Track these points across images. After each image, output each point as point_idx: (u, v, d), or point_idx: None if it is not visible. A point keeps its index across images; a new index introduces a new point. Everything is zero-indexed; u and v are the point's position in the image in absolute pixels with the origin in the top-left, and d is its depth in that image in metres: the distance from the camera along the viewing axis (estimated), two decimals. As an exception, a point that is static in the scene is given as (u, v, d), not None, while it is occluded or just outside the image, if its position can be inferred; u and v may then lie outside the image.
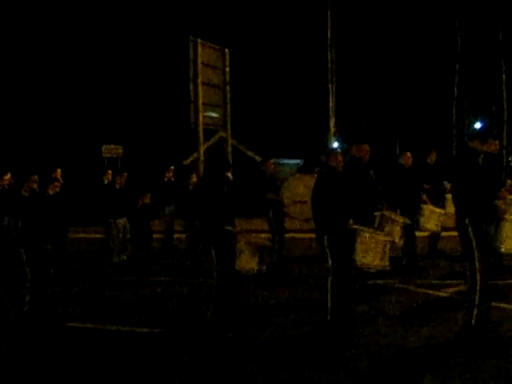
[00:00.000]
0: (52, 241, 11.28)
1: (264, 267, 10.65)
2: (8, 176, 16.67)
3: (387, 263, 10.15)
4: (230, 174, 10.81)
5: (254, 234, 11.49)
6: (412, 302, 11.06)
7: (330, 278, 9.48)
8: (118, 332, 9.94)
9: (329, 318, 9.45)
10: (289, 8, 41.48)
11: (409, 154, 14.09)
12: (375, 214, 11.61)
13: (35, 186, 11.89)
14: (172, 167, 18.03)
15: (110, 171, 17.72)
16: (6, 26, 39.87)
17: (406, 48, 42.81)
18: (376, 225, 11.64)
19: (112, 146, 29.72)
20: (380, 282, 12.07)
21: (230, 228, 10.09)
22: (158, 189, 17.22)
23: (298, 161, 37.89)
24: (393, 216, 11.97)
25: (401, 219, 12.01)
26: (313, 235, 11.15)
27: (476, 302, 8.75)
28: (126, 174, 16.79)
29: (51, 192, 11.46)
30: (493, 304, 9.03)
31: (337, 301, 9.39)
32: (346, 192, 9.52)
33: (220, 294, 10.04)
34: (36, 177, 13.20)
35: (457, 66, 43.13)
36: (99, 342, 9.44)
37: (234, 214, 10.36)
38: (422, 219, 13.57)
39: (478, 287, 8.76)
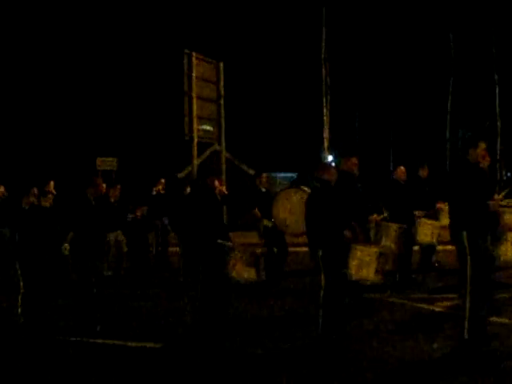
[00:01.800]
0: (48, 253, 11.30)
1: (263, 274, 10.62)
2: (1, 188, 16.63)
3: (381, 276, 10.12)
4: (223, 188, 10.80)
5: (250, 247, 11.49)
6: (406, 316, 11.07)
7: (322, 292, 9.42)
8: (110, 346, 9.89)
9: (320, 331, 9.41)
10: (284, 22, 41.59)
11: (403, 168, 14.05)
12: (371, 225, 11.65)
13: (34, 198, 11.92)
14: (163, 180, 17.96)
15: (104, 184, 17.62)
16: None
17: (399, 61, 42.94)
18: (372, 235, 11.64)
19: (106, 159, 29.66)
20: (374, 295, 12.06)
21: (225, 242, 10.11)
22: (150, 202, 17.13)
23: (291, 174, 37.93)
24: (387, 223, 11.99)
25: (395, 224, 12.04)
26: (305, 249, 11.11)
27: (467, 315, 8.77)
28: (119, 187, 16.70)
29: (44, 204, 11.49)
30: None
31: (329, 315, 9.35)
32: (339, 206, 9.49)
33: (203, 306, 10.05)
34: (36, 189, 13.21)
35: (451, 79, 43.27)
36: (90, 356, 9.40)
37: (229, 228, 10.39)
38: (416, 233, 13.54)
39: (468, 300, 8.77)
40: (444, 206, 13.73)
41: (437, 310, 11.58)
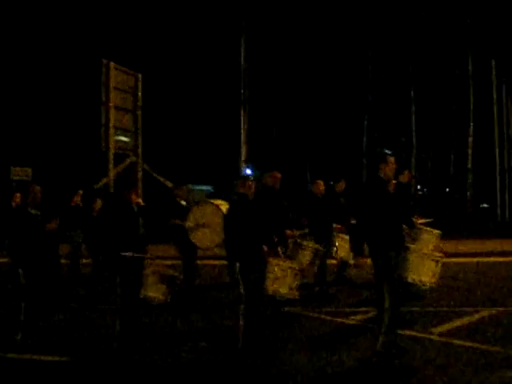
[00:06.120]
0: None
1: (169, 297, 10.63)
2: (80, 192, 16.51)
3: (296, 292, 10.24)
4: (140, 200, 10.68)
5: (161, 262, 11.42)
6: (321, 330, 11.12)
7: (241, 306, 9.43)
8: (19, 360, 9.66)
9: (240, 345, 9.40)
10: (203, 34, 41.62)
11: (321, 182, 14.19)
12: (289, 240, 11.73)
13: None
14: (81, 191, 17.65)
15: (18, 194, 17.20)
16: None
17: (317, 76, 43.29)
18: (289, 252, 11.73)
19: (21, 168, 29.10)
20: (291, 309, 12.10)
21: (140, 255, 10.00)
22: (66, 213, 16.81)
23: (207, 187, 37.89)
24: (304, 242, 12.08)
25: (311, 245, 12.12)
26: (219, 262, 11.06)
27: (383, 330, 8.87)
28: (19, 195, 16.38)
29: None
30: (399, 331, 9.20)
31: (249, 328, 9.35)
32: (258, 220, 9.55)
33: (124, 321, 9.91)
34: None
35: (368, 96, 43.92)
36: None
37: (147, 240, 10.29)
38: (334, 247, 13.69)
39: (385, 315, 8.87)
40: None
41: (351, 323, 11.67)
